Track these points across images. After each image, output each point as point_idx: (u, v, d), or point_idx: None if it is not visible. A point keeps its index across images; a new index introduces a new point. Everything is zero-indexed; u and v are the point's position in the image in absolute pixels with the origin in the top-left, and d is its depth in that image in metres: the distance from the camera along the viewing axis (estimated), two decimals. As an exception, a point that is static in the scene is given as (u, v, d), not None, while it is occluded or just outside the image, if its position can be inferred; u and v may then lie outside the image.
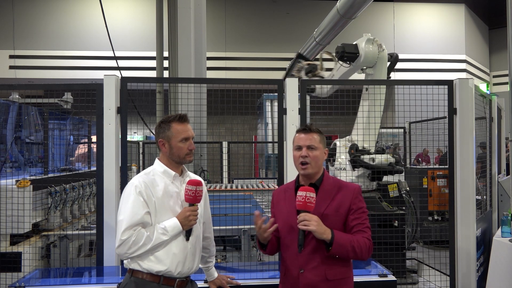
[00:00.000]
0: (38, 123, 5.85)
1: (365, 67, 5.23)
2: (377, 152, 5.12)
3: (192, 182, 2.38)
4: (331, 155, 5.20)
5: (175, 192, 2.44)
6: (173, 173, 2.46)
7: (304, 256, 2.30)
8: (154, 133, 2.62)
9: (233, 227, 4.17)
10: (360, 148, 5.13)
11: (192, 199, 2.37)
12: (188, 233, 2.42)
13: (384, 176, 5.13)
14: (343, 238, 2.25)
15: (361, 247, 2.27)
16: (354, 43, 5.24)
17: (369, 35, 5.21)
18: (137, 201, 2.33)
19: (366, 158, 5.01)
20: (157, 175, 2.44)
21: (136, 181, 2.39)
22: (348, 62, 5.26)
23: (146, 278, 2.35)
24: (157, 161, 2.51)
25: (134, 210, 2.31)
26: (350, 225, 2.34)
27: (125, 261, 2.43)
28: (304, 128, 2.44)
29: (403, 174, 7.22)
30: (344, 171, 5.02)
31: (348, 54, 5.11)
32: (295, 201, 2.28)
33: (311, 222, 2.21)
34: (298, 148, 2.41)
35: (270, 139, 10.11)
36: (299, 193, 2.25)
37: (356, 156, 5.01)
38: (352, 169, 5.02)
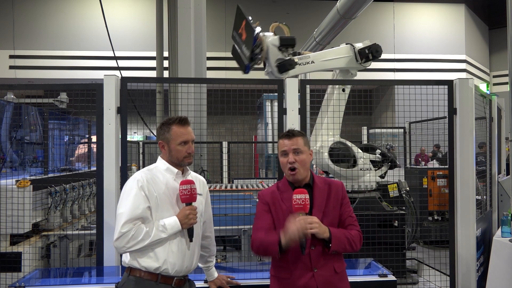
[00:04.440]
0: (33, 123, 5.84)
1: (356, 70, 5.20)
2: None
3: (184, 182, 2.39)
4: (343, 156, 4.94)
5: (177, 189, 2.44)
6: (176, 170, 2.47)
7: (315, 255, 2.35)
8: (154, 133, 2.64)
9: (233, 227, 4.17)
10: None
11: (189, 197, 2.38)
12: (190, 234, 2.42)
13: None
14: (339, 233, 2.37)
15: (354, 239, 2.40)
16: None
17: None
18: (138, 195, 2.34)
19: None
20: (159, 172, 2.46)
21: (139, 175, 2.41)
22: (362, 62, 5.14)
23: (144, 276, 2.35)
24: (159, 159, 2.53)
25: (135, 204, 2.32)
26: (342, 218, 2.46)
27: (124, 259, 2.43)
28: (287, 134, 2.46)
29: (403, 174, 7.24)
30: (366, 171, 5.02)
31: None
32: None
33: (314, 225, 2.27)
34: (284, 153, 2.44)
35: (270, 139, 10.11)
36: (297, 196, 2.30)
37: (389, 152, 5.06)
38: (374, 168, 5.03)
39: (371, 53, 4.85)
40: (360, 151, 4.99)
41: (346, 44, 5.06)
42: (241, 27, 4.44)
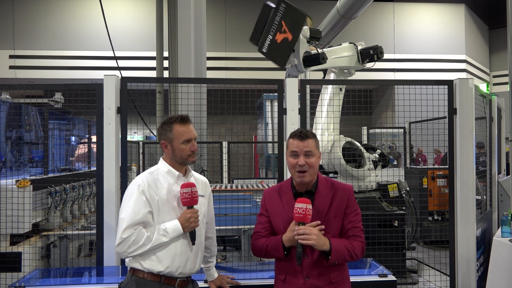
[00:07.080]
0: (30, 123, 5.82)
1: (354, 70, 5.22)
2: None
3: (185, 185, 2.38)
4: (354, 156, 4.93)
5: (179, 192, 2.43)
6: (177, 173, 2.46)
7: (309, 264, 2.31)
8: (154, 133, 2.63)
9: (233, 227, 4.17)
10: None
11: (190, 201, 2.37)
12: (193, 237, 2.41)
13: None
14: (340, 245, 2.30)
15: (355, 250, 2.33)
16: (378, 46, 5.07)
17: None
18: (139, 200, 2.33)
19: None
20: (161, 175, 2.44)
21: (140, 180, 2.39)
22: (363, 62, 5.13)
23: (147, 277, 2.35)
24: (161, 160, 2.51)
25: (136, 209, 2.31)
26: (345, 227, 2.38)
27: (126, 260, 2.43)
28: (300, 134, 2.36)
29: (403, 174, 7.24)
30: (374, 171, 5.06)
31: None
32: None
33: (311, 237, 2.22)
34: (295, 154, 2.34)
35: (270, 139, 10.12)
36: (298, 205, 2.25)
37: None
38: (377, 168, 5.06)
39: (376, 54, 4.87)
40: (366, 151, 5.02)
41: (350, 43, 5.06)
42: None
